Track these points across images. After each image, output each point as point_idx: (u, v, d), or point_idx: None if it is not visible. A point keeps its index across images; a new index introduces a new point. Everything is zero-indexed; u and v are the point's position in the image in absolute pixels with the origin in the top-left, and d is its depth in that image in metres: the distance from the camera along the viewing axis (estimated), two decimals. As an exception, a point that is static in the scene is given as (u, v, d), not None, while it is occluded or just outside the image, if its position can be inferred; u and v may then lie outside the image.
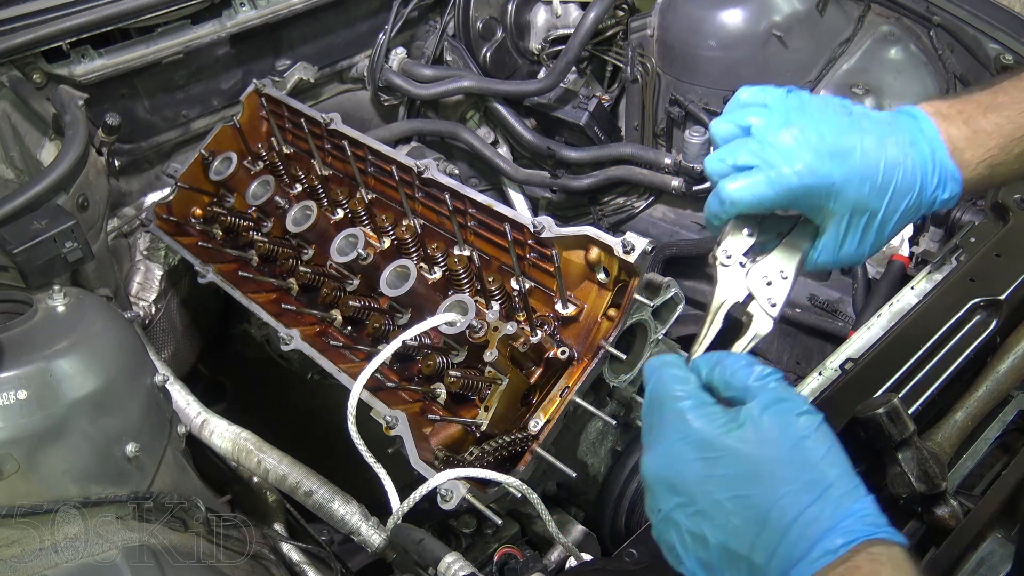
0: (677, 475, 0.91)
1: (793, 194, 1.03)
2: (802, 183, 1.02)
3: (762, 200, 1.04)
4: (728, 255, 1.13)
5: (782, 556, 0.84)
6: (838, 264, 1.12)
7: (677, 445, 0.91)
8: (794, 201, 1.05)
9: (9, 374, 1.19)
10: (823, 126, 1.04)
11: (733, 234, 1.13)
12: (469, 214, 1.61)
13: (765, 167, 1.03)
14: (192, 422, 1.63)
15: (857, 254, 1.10)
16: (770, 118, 1.05)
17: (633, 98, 2.55)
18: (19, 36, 1.85)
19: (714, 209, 1.10)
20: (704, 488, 0.89)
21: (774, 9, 2.27)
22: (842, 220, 1.06)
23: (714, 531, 0.88)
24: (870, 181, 1.04)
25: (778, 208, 1.07)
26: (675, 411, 0.93)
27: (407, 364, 1.57)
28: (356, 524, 1.44)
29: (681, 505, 0.90)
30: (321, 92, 2.52)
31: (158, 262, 2.11)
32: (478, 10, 2.51)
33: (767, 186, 1.03)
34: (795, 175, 1.02)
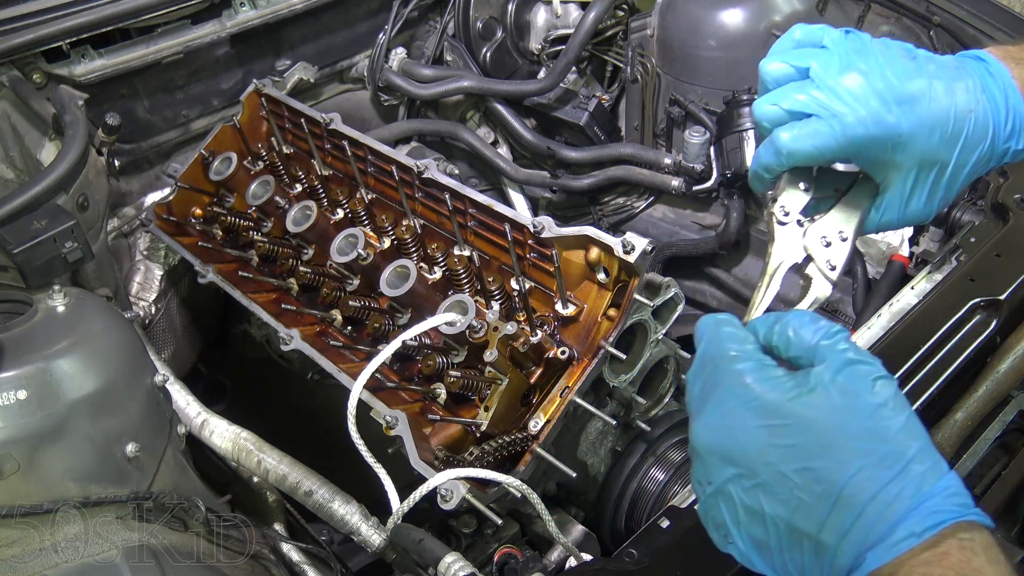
0: (736, 444, 0.82)
1: (857, 145, 0.95)
2: (867, 133, 0.94)
3: (823, 151, 0.95)
4: (786, 212, 1.04)
5: (856, 537, 0.76)
6: (903, 223, 1.05)
7: (736, 411, 0.83)
8: (857, 153, 0.97)
9: (9, 374, 1.19)
10: (887, 71, 0.95)
11: (789, 189, 1.04)
12: (469, 214, 1.61)
13: (827, 115, 0.94)
14: (192, 422, 1.63)
15: (925, 211, 1.02)
16: (829, 60, 0.97)
17: (633, 98, 2.55)
18: (19, 36, 1.85)
19: (766, 161, 1.00)
20: (767, 459, 0.80)
21: (774, 9, 2.27)
22: (909, 174, 0.98)
23: (776, 507, 0.80)
24: (940, 130, 0.95)
25: (839, 161, 0.99)
26: (733, 373, 0.84)
27: (407, 364, 1.57)
28: (356, 524, 1.44)
29: (738, 477, 0.83)
30: (321, 92, 2.52)
31: (158, 262, 2.11)
32: (478, 10, 2.51)
33: (829, 136, 0.94)
34: (860, 124, 0.94)
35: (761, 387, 0.82)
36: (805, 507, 0.79)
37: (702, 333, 0.90)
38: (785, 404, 0.80)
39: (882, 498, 0.76)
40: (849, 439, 0.78)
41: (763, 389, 0.82)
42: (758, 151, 1.02)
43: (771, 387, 0.82)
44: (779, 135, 0.97)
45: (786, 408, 0.80)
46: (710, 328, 0.89)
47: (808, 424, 0.79)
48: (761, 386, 0.82)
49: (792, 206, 1.04)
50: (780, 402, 0.81)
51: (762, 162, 1.01)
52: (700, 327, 0.91)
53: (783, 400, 0.81)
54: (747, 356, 0.85)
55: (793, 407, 0.80)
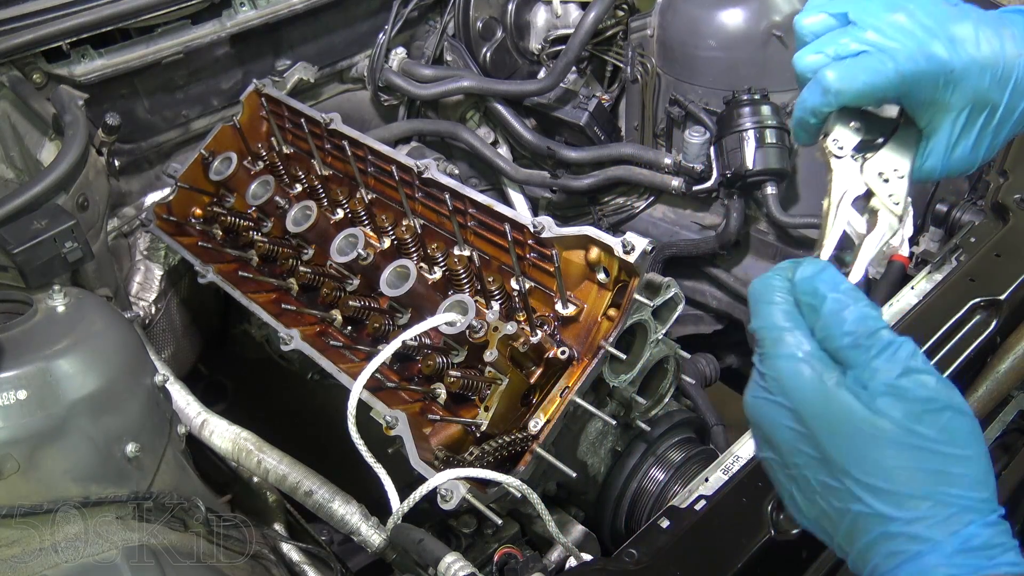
0: (771, 434, 0.81)
1: (908, 82, 0.91)
2: (918, 68, 0.90)
3: (875, 88, 0.92)
4: (840, 146, 1.00)
5: (867, 561, 0.76)
6: (946, 172, 1.00)
7: (771, 403, 0.81)
8: (908, 91, 0.93)
9: (9, 374, 1.19)
10: (932, 10, 0.92)
11: (839, 126, 1.00)
12: (469, 214, 1.61)
13: (875, 51, 0.91)
14: (192, 422, 1.63)
15: (970, 159, 0.98)
16: (869, 4, 0.93)
17: (633, 98, 2.55)
18: (19, 36, 1.85)
19: (812, 103, 0.96)
20: (794, 460, 0.79)
21: (774, 9, 2.26)
22: (959, 116, 0.95)
23: (804, 502, 0.80)
24: (991, 71, 0.92)
25: (889, 99, 0.96)
26: (774, 363, 0.81)
27: (407, 364, 1.57)
28: (356, 524, 1.44)
29: (776, 462, 0.82)
30: (321, 92, 2.52)
31: (158, 262, 2.11)
32: (478, 10, 2.51)
33: (880, 72, 0.90)
34: (911, 59, 0.90)
35: (794, 384, 0.79)
36: (827, 514, 0.79)
37: (752, 305, 0.86)
38: (810, 416, 0.78)
39: (894, 536, 0.74)
40: (867, 475, 0.75)
41: (795, 387, 0.79)
42: (802, 96, 0.98)
43: (803, 389, 0.79)
44: (825, 74, 0.93)
45: (809, 421, 0.78)
46: (757, 301, 0.85)
47: (831, 444, 0.77)
48: (794, 383, 0.79)
49: (845, 141, 1.00)
50: (806, 410, 0.78)
51: (807, 106, 0.97)
52: (750, 296, 0.87)
53: (809, 409, 0.78)
54: (791, 341, 0.80)
55: (815, 423, 0.77)
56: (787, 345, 0.81)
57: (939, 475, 0.74)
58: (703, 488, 1.37)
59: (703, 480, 1.38)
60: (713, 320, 2.58)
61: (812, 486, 0.79)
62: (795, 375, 0.79)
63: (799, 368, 0.79)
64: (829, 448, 0.76)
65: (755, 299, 0.86)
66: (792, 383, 0.79)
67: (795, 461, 0.80)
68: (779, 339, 0.81)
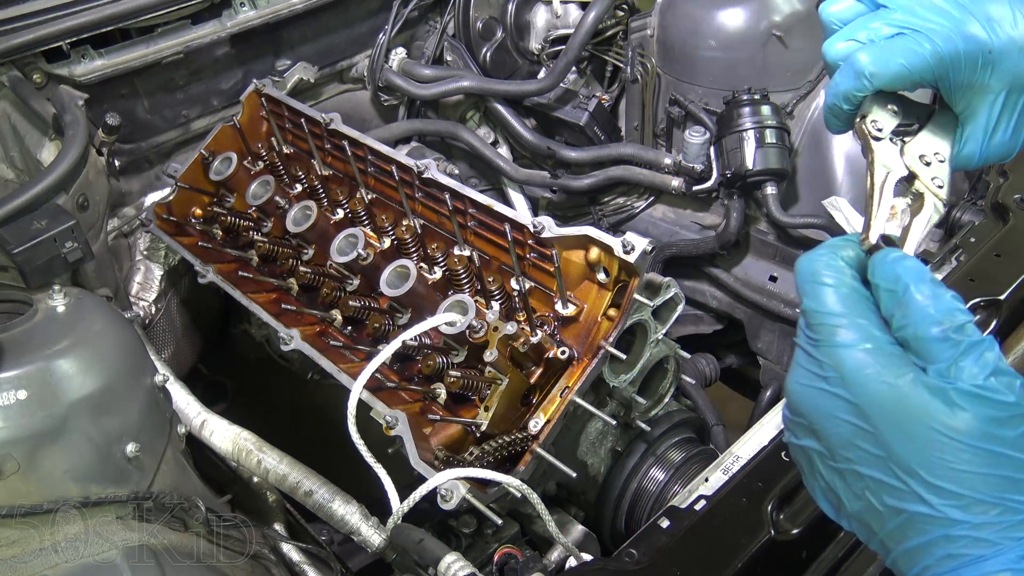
0: (821, 425, 0.77)
1: (946, 64, 0.88)
2: (956, 49, 0.87)
3: (912, 71, 0.88)
4: (878, 127, 0.95)
5: (918, 561, 0.74)
6: (984, 158, 0.96)
7: (828, 394, 0.76)
8: (945, 73, 0.89)
9: (9, 374, 1.19)
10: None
11: (877, 108, 0.96)
12: (469, 214, 1.61)
13: (911, 32, 0.88)
14: (192, 422, 1.63)
15: (1010, 144, 0.95)
16: None
17: (633, 98, 2.55)
18: (19, 36, 1.85)
19: (845, 87, 0.92)
20: (847, 455, 0.76)
21: (774, 9, 2.26)
22: (997, 98, 0.91)
23: (849, 495, 0.77)
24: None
25: (926, 82, 0.91)
26: (834, 353, 0.76)
27: (407, 364, 1.57)
28: (356, 524, 1.44)
29: (819, 453, 0.79)
30: (321, 92, 2.52)
31: (158, 262, 2.11)
32: (478, 10, 2.51)
33: (917, 54, 0.87)
34: (948, 39, 0.86)
35: (860, 378, 0.74)
36: (875, 511, 0.76)
37: (802, 286, 0.81)
38: (879, 414, 0.74)
39: (955, 538, 0.72)
40: (936, 478, 0.72)
41: (862, 381, 0.74)
42: (834, 81, 0.93)
43: (871, 383, 0.74)
44: (858, 57, 0.89)
45: (878, 419, 0.74)
46: (809, 283, 0.80)
47: (894, 446, 0.73)
48: (861, 377, 0.74)
49: (884, 123, 0.96)
50: (874, 407, 0.74)
51: (840, 91, 0.92)
52: (799, 277, 0.82)
53: (878, 406, 0.74)
54: (854, 329, 0.76)
55: (885, 421, 0.73)
56: (851, 334, 0.76)
57: (1012, 482, 0.71)
58: (703, 488, 1.37)
59: (703, 480, 1.38)
60: (713, 320, 2.58)
61: (863, 482, 0.75)
62: (861, 368, 0.75)
63: (867, 361, 0.75)
64: (896, 447, 0.73)
65: (806, 279, 0.81)
66: (858, 377, 0.75)
67: (847, 455, 0.76)
68: (840, 326, 0.77)
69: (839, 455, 0.77)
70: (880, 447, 0.74)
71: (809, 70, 2.31)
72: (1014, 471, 0.72)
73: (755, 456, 1.38)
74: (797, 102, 2.29)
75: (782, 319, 2.30)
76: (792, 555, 1.33)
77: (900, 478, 0.73)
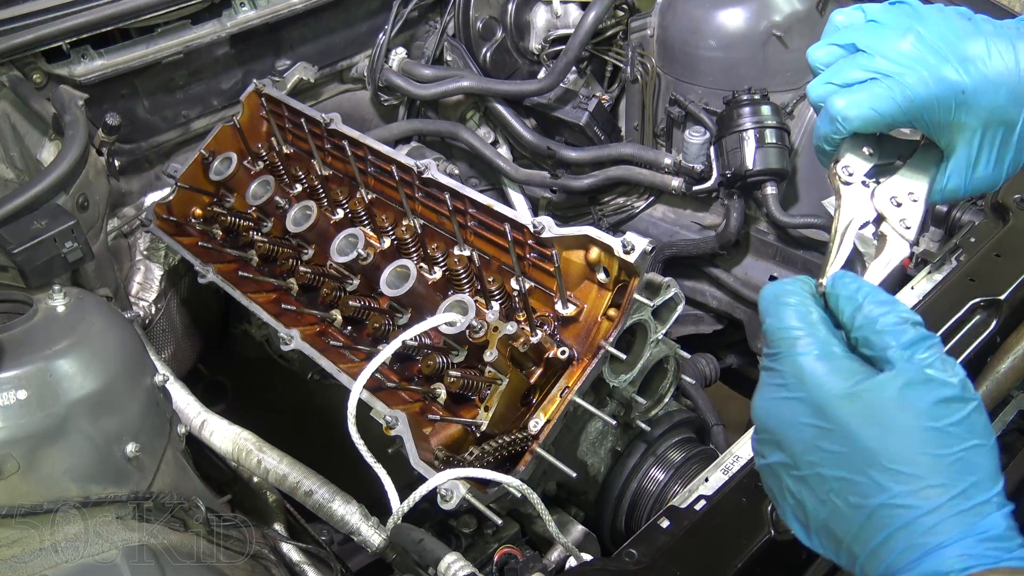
0: (784, 435, 0.81)
1: (919, 107, 0.91)
2: (929, 93, 0.90)
3: (882, 114, 0.92)
4: (849, 172, 0.99)
5: (882, 559, 0.76)
6: (971, 191, 1.00)
7: (790, 402, 0.81)
8: (919, 116, 0.92)
9: (9, 374, 1.19)
10: (944, 30, 0.92)
11: (850, 152, 1.00)
12: (469, 214, 1.61)
13: (883, 78, 0.91)
14: (192, 422, 1.63)
15: (993, 177, 0.98)
16: (878, 30, 0.94)
17: (633, 98, 2.55)
18: (19, 36, 1.85)
19: (825, 131, 0.97)
20: (810, 458, 0.79)
21: (774, 9, 2.27)
22: (975, 135, 0.94)
23: (815, 504, 0.80)
24: (1006, 87, 0.91)
25: (899, 124, 0.95)
26: (794, 361, 0.81)
27: (407, 364, 1.57)
28: (356, 524, 1.44)
29: (784, 465, 0.82)
30: (321, 92, 2.52)
31: (158, 262, 2.11)
32: (478, 10, 2.51)
33: (888, 98, 0.91)
34: (921, 83, 0.90)
35: (818, 382, 0.79)
36: (840, 514, 0.78)
37: (765, 308, 0.86)
38: (839, 409, 0.78)
39: (915, 527, 0.74)
40: (893, 462, 0.75)
41: (820, 384, 0.79)
42: (816, 124, 0.99)
43: (830, 384, 0.79)
44: (833, 102, 0.94)
45: (838, 414, 0.78)
46: (772, 303, 0.85)
47: (855, 435, 0.77)
48: (819, 381, 0.79)
49: (855, 168, 1.00)
50: (834, 405, 0.78)
51: (820, 133, 0.98)
52: (762, 301, 0.87)
53: (838, 403, 0.78)
54: (813, 342, 0.81)
55: (844, 413, 0.77)
56: (808, 342, 0.81)
57: (961, 463, 0.74)
58: (703, 488, 1.37)
59: (703, 480, 1.38)
60: (713, 320, 2.58)
61: (827, 485, 0.78)
62: (817, 370, 0.79)
63: (822, 364, 0.80)
64: (855, 439, 0.76)
65: (768, 302, 0.86)
66: (815, 378, 0.79)
67: (810, 459, 0.79)
68: (798, 337, 0.82)
69: (803, 461, 0.80)
70: (840, 443, 0.78)
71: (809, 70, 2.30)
72: (965, 454, 0.75)
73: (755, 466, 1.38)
74: (797, 102, 2.29)
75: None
76: (792, 555, 1.33)
77: (861, 470, 0.77)
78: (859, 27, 0.97)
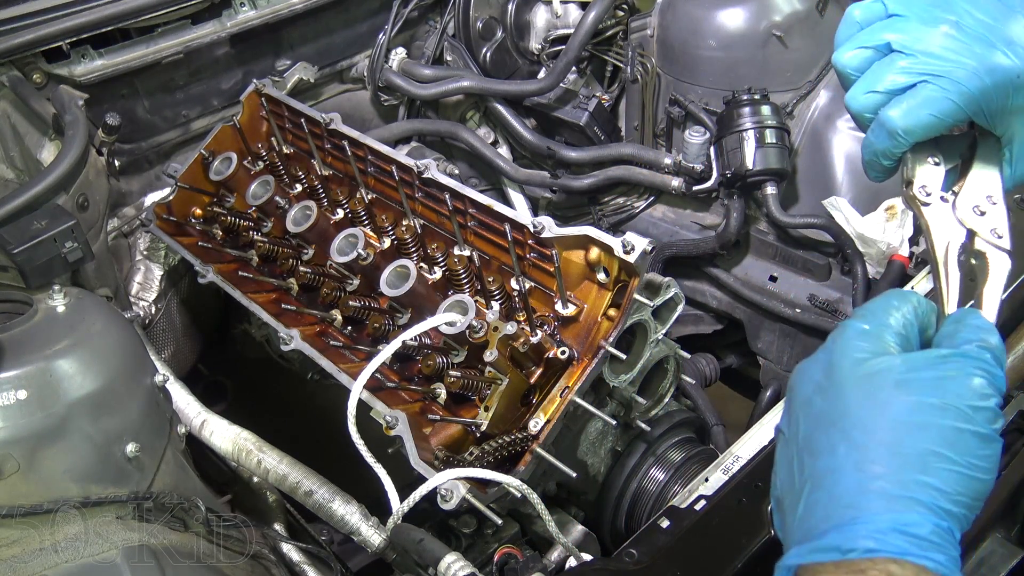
0: (795, 392, 0.82)
1: (976, 101, 0.86)
2: (982, 85, 0.85)
3: (943, 118, 0.87)
4: (927, 192, 0.94)
5: (802, 525, 0.74)
6: None
7: (813, 362, 0.81)
8: (977, 109, 0.88)
9: (9, 374, 1.19)
10: (979, 15, 0.88)
11: (920, 166, 0.95)
12: (469, 214, 1.61)
13: (932, 79, 0.86)
14: (192, 422, 1.63)
15: None
16: (907, 26, 0.89)
17: (633, 98, 2.55)
18: (19, 36, 1.85)
19: (882, 147, 0.91)
20: (798, 415, 0.79)
21: (774, 9, 2.26)
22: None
23: (783, 471, 0.80)
24: None
25: (959, 123, 0.91)
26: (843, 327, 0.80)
27: (407, 364, 1.57)
28: (356, 524, 1.44)
29: (783, 436, 0.82)
30: (321, 92, 2.52)
31: (158, 262, 2.11)
32: (478, 10, 2.51)
33: (944, 100, 0.86)
34: (972, 77, 0.85)
35: (846, 347, 0.78)
36: (791, 478, 0.77)
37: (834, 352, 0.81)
38: (843, 367, 0.76)
39: (838, 497, 0.72)
40: (854, 427, 0.73)
41: (845, 347, 0.78)
42: (868, 139, 0.93)
43: (851, 346, 0.78)
44: (887, 115, 0.89)
45: (840, 372, 0.76)
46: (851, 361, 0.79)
47: (842, 394, 0.75)
48: (846, 345, 0.78)
49: (931, 183, 0.95)
50: (842, 364, 0.77)
51: (877, 149, 0.93)
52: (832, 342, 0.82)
53: (847, 363, 0.76)
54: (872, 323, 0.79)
55: (845, 374, 0.76)
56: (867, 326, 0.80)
57: (921, 463, 0.71)
58: (703, 488, 1.37)
59: (703, 480, 1.38)
60: (713, 320, 2.58)
61: (797, 444, 0.77)
62: (847, 341, 0.78)
63: (857, 339, 0.78)
64: (841, 396, 0.75)
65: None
66: (841, 346, 0.78)
67: (798, 416, 0.79)
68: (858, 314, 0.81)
69: (793, 418, 0.79)
70: (826, 399, 0.76)
71: (809, 70, 2.31)
72: (936, 459, 0.71)
73: (755, 456, 1.38)
74: (797, 102, 2.29)
75: (782, 319, 2.30)
76: (792, 555, 1.33)
77: (824, 428, 0.75)
78: (883, 24, 0.91)
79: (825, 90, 2.27)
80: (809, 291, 2.29)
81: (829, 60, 2.32)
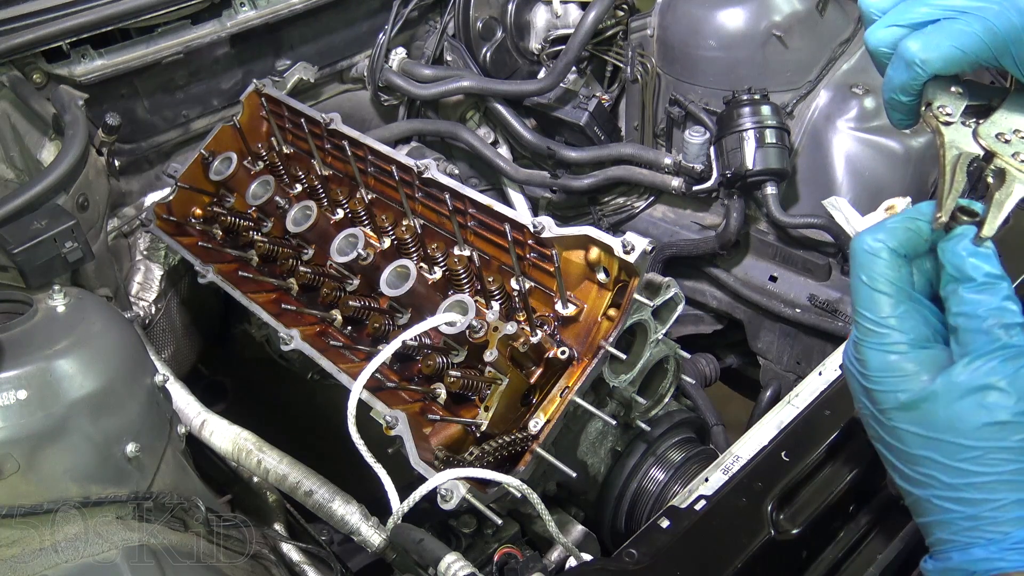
0: (858, 398, 0.90)
1: (1003, 40, 0.83)
2: (1011, 23, 0.82)
3: (965, 51, 0.84)
4: (947, 111, 0.90)
5: (930, 532, 0.84)
6: None
7: (852, 373, 0.88)
8: (1004, 49, 0.84)
9: (9, 374, 1.19)
10: None
11: (940, 93, 0.90)
12: (469, 214, 1.61)
13: (959, 14, 0.84)
14: (192, 422, 1.63)
15: None
16: None
17: (633, 98, 2.55)
18: (19, 36, 1.84)
19: (900, 80, 0.88)
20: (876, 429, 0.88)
21: (774, 9, 2.27)
22: None
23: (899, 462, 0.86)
24: None
25: (984, 62, 0.86)
26: (867, 349, 0.85)
27: (407, 364, 1.57)
28: (356, 524, 1.44)
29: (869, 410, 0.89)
30: (321, 92, 2.52)
31: (158, 262, 2.11)
32: (478, 10, 2.51)
33: (968, 35, 0.83)
34: (1001, 15, 0.82)
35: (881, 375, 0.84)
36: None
37: (857, 275, 0.87)
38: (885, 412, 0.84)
39: (945, 523, 0.80)
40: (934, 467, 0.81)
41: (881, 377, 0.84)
42: (887, 75, 0.90)
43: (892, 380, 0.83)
44: (907, 46, 0.86)
45: (885, 416, 0.85)
46: (865, 272, 0.86)
47: (904, 437, 0.83)
48: (882, 372, 0.84)
49: (952, 107, 0.90)
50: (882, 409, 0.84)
51: (895, 84, 0.89)
52: (855, 260, 0.88)
53: (897, 399, 0.83)
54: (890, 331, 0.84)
55: (890, 418, 0.84)
56: (882, 338, 0.84)
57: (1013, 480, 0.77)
58: (703, 488, 1.36)
59: (703, 480, 1.38)
60: (713, 320, 2.58)
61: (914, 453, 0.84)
62: (882, 367, 0.84)
63: (889, 361, 0.83)
64: (895, 436, 0.84)
65: (858, 270, 0.87)
66: (878, 372, 0.84)
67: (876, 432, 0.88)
68: (874, 331, 0.84)
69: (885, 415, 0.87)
70: (882, 429, 0.86)
71: (809, 70, 2.31)
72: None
73: (755, 456, 1.38)
74: (797, 102, 2.29)
75: (782, 319, 2.30)
76: (792, 555, 1.33)
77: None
78: None
79: (825, 90, 2.27)
80: (809, 291, 2.29)
81: (829, 60, 2.33)
